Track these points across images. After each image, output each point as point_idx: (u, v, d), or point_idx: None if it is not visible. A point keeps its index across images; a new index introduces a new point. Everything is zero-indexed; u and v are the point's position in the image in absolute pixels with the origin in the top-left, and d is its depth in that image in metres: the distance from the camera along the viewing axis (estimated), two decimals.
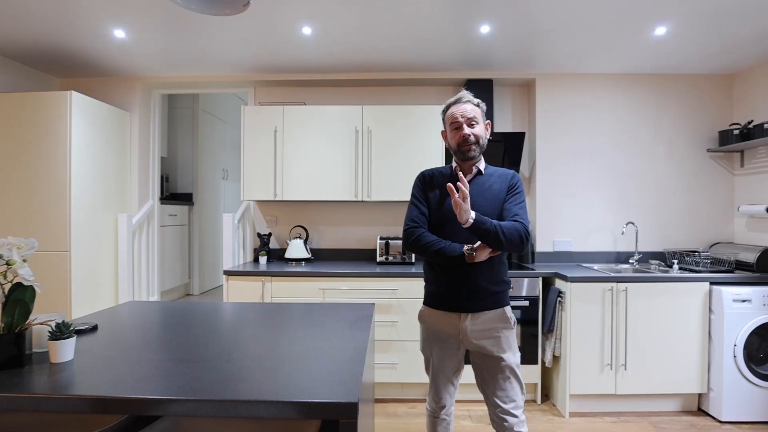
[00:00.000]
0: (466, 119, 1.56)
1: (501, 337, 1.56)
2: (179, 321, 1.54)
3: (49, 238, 2.76)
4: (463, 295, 1.56)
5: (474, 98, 1.62)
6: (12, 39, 2.66)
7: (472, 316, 1.56)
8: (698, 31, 2.53)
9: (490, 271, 1.56)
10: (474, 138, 1.56)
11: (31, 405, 0.90)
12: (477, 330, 1.56)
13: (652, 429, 2.53)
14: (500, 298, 1.59)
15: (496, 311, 1.58)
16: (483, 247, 1.49)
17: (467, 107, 1.58)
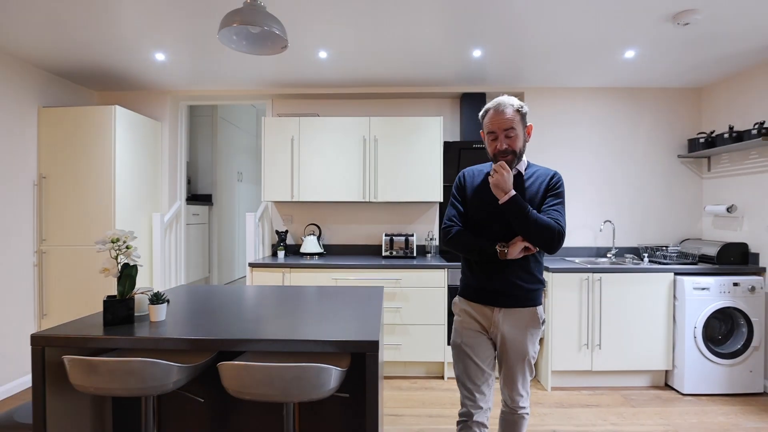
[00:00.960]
0: (503, 131, 1.53)
1: (528, 335, 1.58)
2: (228, 297, 1.93)
3: (98, 235, 3.16)
4: (497, 290, 1.58)
5: (515, 101, 1.56)
6: (63, 60, 3.05)
7: (505, 312, 1.58)
8: (664, 54, 2.91)
9: (524, 268, 1.57)
10: (510, 149, 1.54)
11: (152, 344, 1.29)
12: (508, 325, 1.58)
13: (622, 400, 2.92)
14: (534, 296, 1.60)
15: (529, 309, 1.59)
16: (516, 244, 1.51)
17: (506, 115, 1.52)
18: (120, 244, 1.38)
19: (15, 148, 3.00)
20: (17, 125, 3.03)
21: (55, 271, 3.20)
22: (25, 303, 3.10)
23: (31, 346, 1.31)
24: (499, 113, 1.53)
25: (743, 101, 3.21)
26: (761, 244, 3.06)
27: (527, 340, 1.58)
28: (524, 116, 1.57)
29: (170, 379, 1.24)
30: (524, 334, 1.58)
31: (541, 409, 2.76)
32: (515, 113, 1.54)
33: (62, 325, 1.41)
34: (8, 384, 2.95)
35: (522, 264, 1.56)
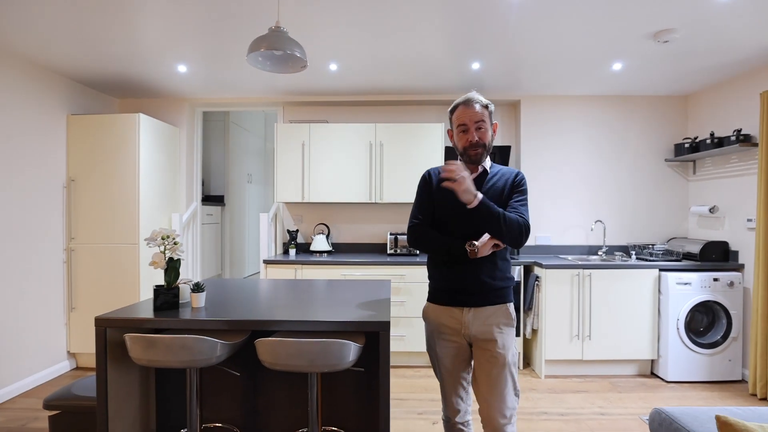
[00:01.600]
0: (474, 123, 1.54)
1: (503, 333, 1.54)
2: (253, 288, 2.16)
3: (123, 234, 3.40)
4: (467, 290, 1.56)
5: (483, 99, 1.58)
6: (91, 70, 3.28)
7: (475, 311, 1.55)
8: (649, 67, 3.14)
9: (492, 266, 1.56)
10: (481, 142, 1.55)
11: (196, 325, 1.53)
12: (479, 324, 1.54)
13: (610, 386, 3.15)
14: (503, 294, 1.58)
15: (500, 307, 1.56)
16: (485, 243, 1.51)
17: (476, 110, 1.54)
18: (169, 241, 1.62)
19: (46, 153, 3.24)
20: (48, 132, 3.27)
21: (83, 267, 3.44)
22: (56, 297, 3.34)
23: (95, 327, 1.55)
24: (470, 107, 1.55)
25: (724, 109, 3.44)
26: (741, 243, 3.28)
27: (503, 338, 1.53)
28: (491, 114, 1.59)
29: (215, 353, 1.47)
30: (498, 334, 1.53)
31: (534, 395, 3.00)
32: (484, 109, 1.56)
33: (118, 310, 1.65)
34: (43, 371, 3.20)
35: (490, 262, 1.55)
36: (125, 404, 1.68)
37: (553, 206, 3.91)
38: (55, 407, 1.75)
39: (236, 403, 1.83)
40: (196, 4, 2.24)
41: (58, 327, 3.36)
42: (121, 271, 3.41)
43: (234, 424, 1.82)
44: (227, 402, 1.83)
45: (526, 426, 2.55)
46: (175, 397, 1.88)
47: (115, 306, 3.41)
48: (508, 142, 4.05)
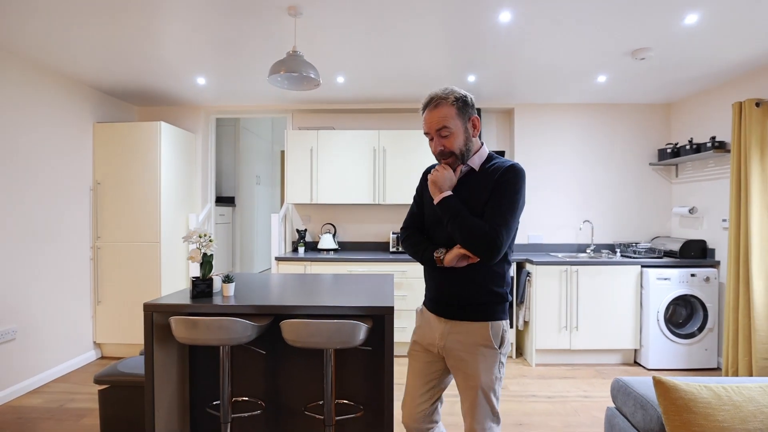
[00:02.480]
0: (436, 131, 1.37)
1: (478, 355, 1.37)
2: (272, 280, 2.43)
3: (145, 233, 3.68)
4: (444, 300, 1.45)
5: (449, 95, 1.36)
6: (115, 81, 3.55)
7: (452, 325, 1.42)
8: (631, 79, 3.41)
9: (474, 281, 1.39)
10: (447, 150, 1.38)
11: (229, 310, 1.80)
12: (453, 340, 1.41)
13: (595, 373, 3.42)
14: (485, 311, 1.39)
15: (478, 324, 1.39)
16: (453, 251, 1.36)
17: (438, 113, 1.35)
18: (204, 239, 1.90)
19: (74, 158, 3.52)
20: (76, 139, 3.54)
21: (108, 264, 3.72)
22: (83, 291, 3.62)
23: (144, 312, 1.83)
24: (431, 111, 1.37)
25: (702, 117, 3.70)
26: (717, 241, 3.55)
27: (478, 362, 1.36)
28: (463, 108, 1.37)
29: (246, 333, 1.75)
30: (472, 355, 1.37)
31: (525, 380, 3.27)
32: (449, 107, 1.35)
33: (161, 298, 1.92)
34: (73, 359, 3.48)
35: (471, 275, 1.38)
36: (166, 379, 1.95)
37: (544, 207, 4.18)
38: (104, 382, 2.03)
39: (260, 379, 2.10)
40: (218, 24, 2.52)
41: (86, 319, 3.64)
42: (143, 268, 3.69)
43: (259, 398, 2.10)
44: (253, 378, 2.10)
45: (516, 407, 2.82)
46: (205, 375, 2.15)
47: (137, 300, 3.68)
48: (502, 147, 4.32)
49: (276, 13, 2.35)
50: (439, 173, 1.40)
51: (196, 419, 2.14)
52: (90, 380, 3.26)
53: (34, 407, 2.81)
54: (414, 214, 1.59)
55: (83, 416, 2.68)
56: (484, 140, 4.31)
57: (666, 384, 1.28)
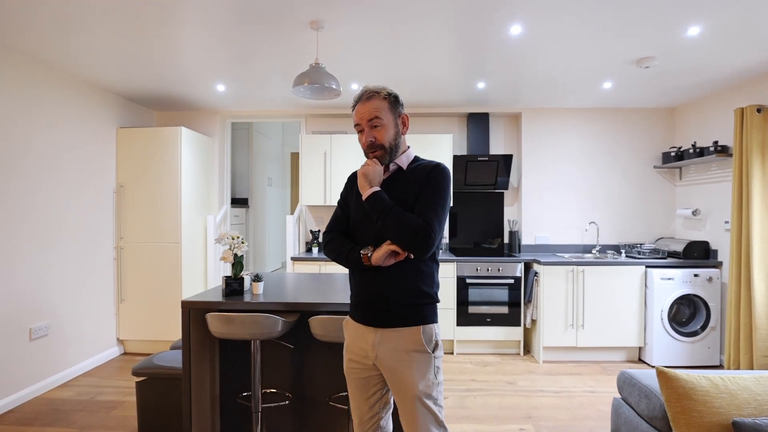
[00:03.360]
0: (368, 121, 1.36)
1: (411, 361, 1.32)
2: (292, 280, 2.57)
3: (166, 234, 3.83)
4: (371, 305, 1.38)
5: (382, 90, 1.38)
6: (137, 88, 3.70)
7: (383, 333, 1.35)
8: (635, 85, 3.53)
9: (404, 279, 1.34)
10: (377, 142, 1.37)
11: (260, 307, 1.94)
12: (385, 349, 1.34)
13: (600, 370, 3.54)
14: (415, 314, 1.35)
15: (410, 329, 1.33)
16: (381, 248, 1.32)
17: (371, 105, 1.36)
18: (236, 240, 2.03)
19: (99, 161, 3.67)
20: (101, 143, 3.69)
21: (131, 263, 3.87)
22: (107, 290, 3.77)
23: (182, 309, 1.97)
24: (363, 103, 1.38)
25: (705, 122, 3.81)
26: (719, 242, 3.66)
27: (412, 369, 1.31)
28: (395, 103, 1.39)
29: (276, 328, 1.88)
30: (406, 362, 1.32)
31: (532, 376, 3.39)
32: (382, 101, 1.37)
33: (197, 295, 2.06)
34: (98, 355, 3.63)
35: (400, 273, 1.34)
36: (199, 372, 2.09)
37: (550, 209, 4.29)
38: (141, 374, 2.17)
39: (287, 372, 2.24)
40: (240, 36, 2.65)
41: (109, 316, 3.79)
42: (164, 267, 3.84)
43: (286, 390, 2.24)
44: (280, 371, 2.24)
45: (524, 401, 2.95)
46: (233, 368, 2.29)
47: (159, 298, 3.83)
48: (510, 150, 4.44)
49: (298, 27, 2.48)
50: (370, 167, 1.37)
51: (225, 410, 2.28)
52: (116, 374, 3.42)
53: (66, 399, 2.97)
54: (338, 218, 1.53)
55: (113, 408, 2.83)
56: (494, 142, 4.44)
57: (668, 374, 1.40)
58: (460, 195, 4.37)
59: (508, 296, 3.83)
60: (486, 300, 3.83)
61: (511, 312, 3.83)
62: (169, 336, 3.84)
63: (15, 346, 2.86)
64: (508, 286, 3.83)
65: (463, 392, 3.08)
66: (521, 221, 4.32)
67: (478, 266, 3.83)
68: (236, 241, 2.03)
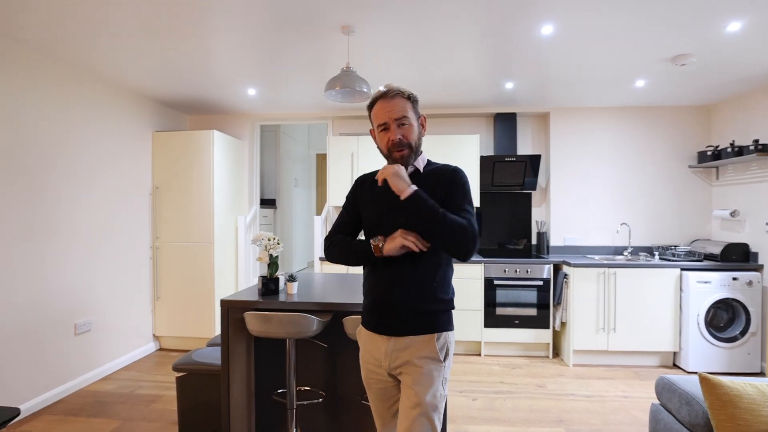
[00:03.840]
0: (395, 120, 1.33)
1: (423, 370, 1.28)
2: (322, 280, 2.62)
3: (199, 234, 3.95)
4: (383, 312, 1.35)
5: (405, 89, 1.36)
6: (172, 93, 3.83)
7: (395, 341, 1.32)
8: (670, 83, 3.43)
9: (421, 286, 1.31)
10: (405, 141, 1.33)
11: (296, 306, 1.99)
12: (397, 358, 1.31)
13: (633, 374, 3.47)
14: (430, 321, 1.31)
15: (423, 337, 1.30)
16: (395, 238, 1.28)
17: (396, 104, 1.33)
18: (272, 242, 2.09)
19: (136, 165, 3.82)
20: (137, 147, 3.84)
21: (166, 262, 4.01)
22: (144, 288, 3.92)
23: (221, 307, 2.04)
24: (388, 101, 1.34)
25: (745, 119, 3.68)
26: (760, 245, 3.52)
27: (422, 379, 1.27)
28: (416, 104, 1.39)
29: (312, 328, 1.93)
30: (416, 370, 1.28)
31: (562, 379, 3.35)
32: (405, 101, 1.35)
33: (234, 294, 2.13)
34: (135, 350, 3.78)
35: (415, 279, 1.31)
36: (237, 368, 2.16)
37: (580, 209, 4.22)
38: (182, 370, 2.26)
39: (320, 370, 2.29)
40: (271, 42, 2.72)
41: (146, 313, 3.94)
42: (198, 266, 3.96)
43: (319, 388, 2.29)
44: (313, 369, 2.29)
45: (555, 404, 2.92)
46: (268, 366, 2.36)
47: (193, 296, 3.96)
48: (538, 151, 4.39)
49: (329, 32, 2.53)
50: (399, 167, 1.30)
51: (260, 405, 2.34)
52: (153, 369, 3.55)
53: (109, 392, 3.11)
54: (343, 223, 1.49)
55: (152, 402, 2.94)
56: (521, 142, 4.40)
57: (712, 381, 1.37)
58: (486, 195, 4.35)
59: (536, 298, 3.79)
60: (514, 302, 3.81)
61: (539, 314, 3.79)
62: (202, 333, 3.96)
63: (62, 341, 3.01)
64: (537, 287, 3.79)
65: (492, 394, 3.07)
66: (549, 222, 4.26)
67: (506, 267, 3.80)
68: (272, 242, 2.09)
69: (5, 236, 2.61)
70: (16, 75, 2.68)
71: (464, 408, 2.86)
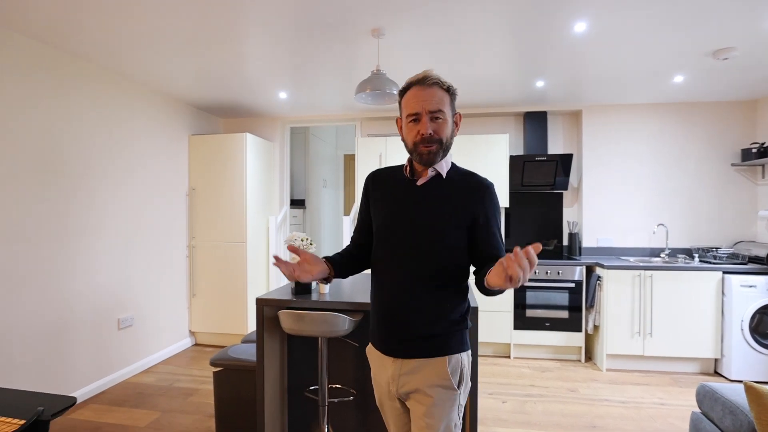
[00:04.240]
0: (429, 112, 1.16)
1: (434, 400, 1.16)
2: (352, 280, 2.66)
3: (233, 233, 4.08)
4: (391, 333, 1.22)
5: (445, 80, 1.19)
6: (207, 98, 3.97)
7: (402, 364, 1.20)
8: (711, 79, 3.29)
9: (432, 306, 1.18)
10: (436, 136, 1.17)
11: (328, 306, 2.03)
12: (405, 382, 1.20)
13: (671, 381, 3.35)
14: (442, 344, 1.18)
15: (434, 361, 1.17)
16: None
17: (433, 93, 1.16)
18: (306, 242, 2.15)
19: (174, 167, 3.98)
20: (175, 150, 4.00)
21: (201, 261, 4.16)
22: (181, 285, 4.08)
23: (256, 305, 2.11)
24: (424, 89, 1.17)
25: None
26: None
27: (434, 408, 1.16)
28: (453, 100, 1.22)
29: (344, 326, 1.97)
30: (426, 397, 1.17)
31: (596, 384, 3.27)
32: (444, 93, 1.19)
33: (268, 293, 2.20)
34: (173, 345, 3.94)
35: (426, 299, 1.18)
36: (271, 365, 2.22)
37: (614, 210, 4.10)
38: (218, 365, 2.34)
39: (351, 369, 2.33)
40: (302, 47, 2.78)
41: (183, 310, 4.10)
42: (231, 265, 4.09)
43: (350, 386, 2.33)
44: (344, 368, 2.33)
45: (588, 409, 2.86)
46: (301, 363, 2.42)
47: (226, 294, 4.09)
48: (569, 150, 4.29)
49: (360, 35, 2.57)
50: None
51: (293, 402, 2.40)
52: (190, 364, 3.69)
53: (149, 384, 3.25)
54: (357, 228, 1.40)
55: (190, 395, 3.07)
56: (552, 141, 4.32)
57: (758, 390, 1.32)
58: (516, 195, 4.29)
59: (568, 300, 3.71)
60: (544, 303, 3.74)
61: (571, 317, 3.71)
62: (235, 329, 4.09)
63: (106, 335, 3.18)
64: (568, 289, 3.71)
65: (522, 397, 3.03)
66: (582, 223, 4.16)
67: (537, 269, 3.74)
68: (305, 242, 2.15)
69: (58, 235, 2.78)
70: (65, 83, 2.85)
71: (494, 410, 2.84)
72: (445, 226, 1.20)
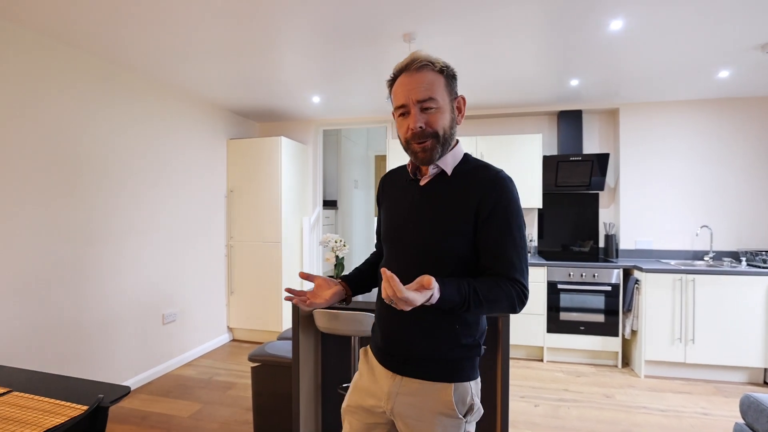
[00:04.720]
0: (416, 102, 1.00)
1: (436, 426, 1.03)
2: None
3: (269, 234, 4.22)
4: (393, 348, 1.10)
5: (437, 60, 1.02)
6: (244, 103, 4.12)
7: (402, 381, 1.07)
8: (761, 72, 3.13)
9: (439, 328, 1.04)
10: (429, 129, 1.01)
11: (357, 305, 2.09)
12: (403, 403, 1.06)
13: (715, 390, 3.21)
14: (449, 369, 1.05)
15: (438, 386, 1.04)
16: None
17: (422, 79, 1.00)
18: (339, 244, 2.22)
19: (213, 170, 4.16)
20: (215, 153, 4.18)
21: (239, 260, 4.33)
22: (219, 283, 4.26)
23: (292, 305, 2.19)
24: (412, 75, 1.00)
25: None
26: None
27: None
28: (453, 81, 1.06)
29: None
30: (428, 425, 1.03)
31: (633, 391, 3.18)
32: (437, 75, 1.02)
33: None
34: (212, 341, 4.12)
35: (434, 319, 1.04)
36: (305, 362, 2.31)
37: (654, 211, 3.96)
38: (256, 360, 2.45)
39: None
40: (336, 52, 2.85)
41: (221, 306, 4.28)
42: (267, 264, 4.23)
43: None
44: None
45: (624, 417, 2.79)
46: (334, 360, 2.49)
47: (262, 292, 4.24)
48: (605, 148, 4.18)
49: (391, 40, 2.61)
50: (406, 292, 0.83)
51: (326, 398, 2.48)
52: (228, 358, 3.86)
53: (190, 377, 3.43)
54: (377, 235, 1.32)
55: (229, 388, 3.21)
56: (587, 141, 4.21)
57: None
58: (549, 196, 4.21)
59: (604, 304, 3.62)
60: (579, 307, 3.66)
61: (607, 321, 3.61)
62: (270, 326, 4.23)
63: (152, 329, 3.37)
64: (605, 293, 3.62)
65: (555, 402, 2.99)
66: (619, 224, 4.04)
67: (571, 271, 3.67)
68: (338, 243, 2.21)
69: (110, 236, 2.98)
70: (117, 94, 3.05)
71: (526, 414, 2.81)
72: (449, 231, 1.03)
